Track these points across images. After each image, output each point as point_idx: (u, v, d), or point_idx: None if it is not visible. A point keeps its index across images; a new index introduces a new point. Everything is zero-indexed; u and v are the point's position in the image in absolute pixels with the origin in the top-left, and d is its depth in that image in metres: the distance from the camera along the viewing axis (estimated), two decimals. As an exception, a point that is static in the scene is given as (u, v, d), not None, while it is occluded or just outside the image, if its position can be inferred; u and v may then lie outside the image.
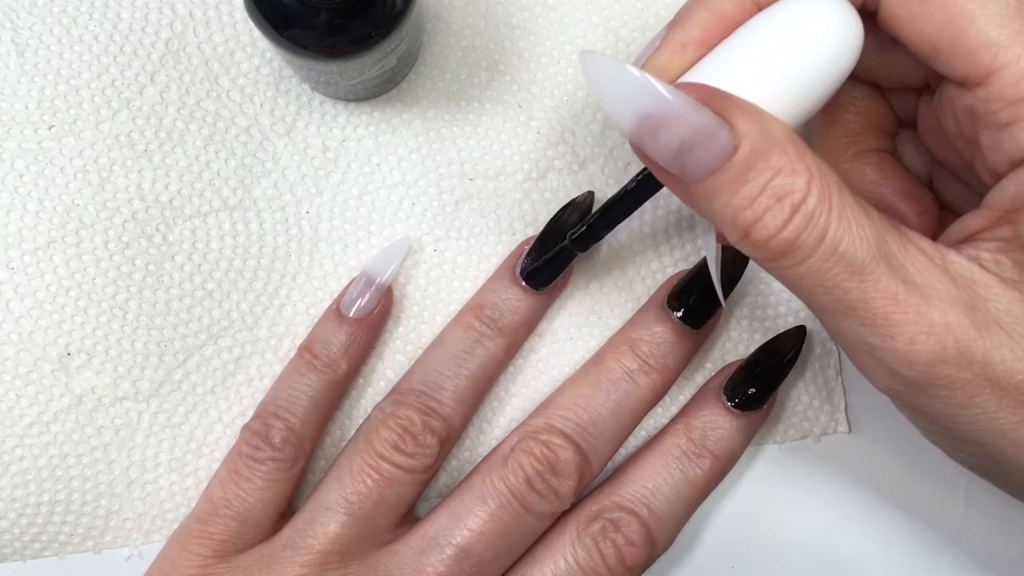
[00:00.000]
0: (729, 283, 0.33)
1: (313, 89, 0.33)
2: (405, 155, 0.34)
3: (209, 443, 0.33)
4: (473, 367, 0.31)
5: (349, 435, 0.33)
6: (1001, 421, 0.24)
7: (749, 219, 0.23)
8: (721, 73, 0.25)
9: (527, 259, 0.32)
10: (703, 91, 0.24)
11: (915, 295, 0.23)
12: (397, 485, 0.30)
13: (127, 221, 0.33)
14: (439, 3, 0.34)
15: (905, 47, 0.26)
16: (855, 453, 0.35)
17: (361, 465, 0.30)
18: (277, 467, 0.30)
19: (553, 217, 0.33)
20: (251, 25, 0.33)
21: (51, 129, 0.33)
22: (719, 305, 0.32)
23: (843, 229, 0.23)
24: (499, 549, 0.30)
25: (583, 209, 0.33)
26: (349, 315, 0.32)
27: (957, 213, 0.29)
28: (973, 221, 0.26)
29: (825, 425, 0.35)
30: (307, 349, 0.32)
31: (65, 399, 0.32)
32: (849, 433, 0.35)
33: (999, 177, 0.25)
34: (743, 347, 0.35)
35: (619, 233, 0.34)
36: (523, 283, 0.32)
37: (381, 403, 0.31)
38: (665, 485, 0.31)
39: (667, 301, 0.32)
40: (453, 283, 0.34)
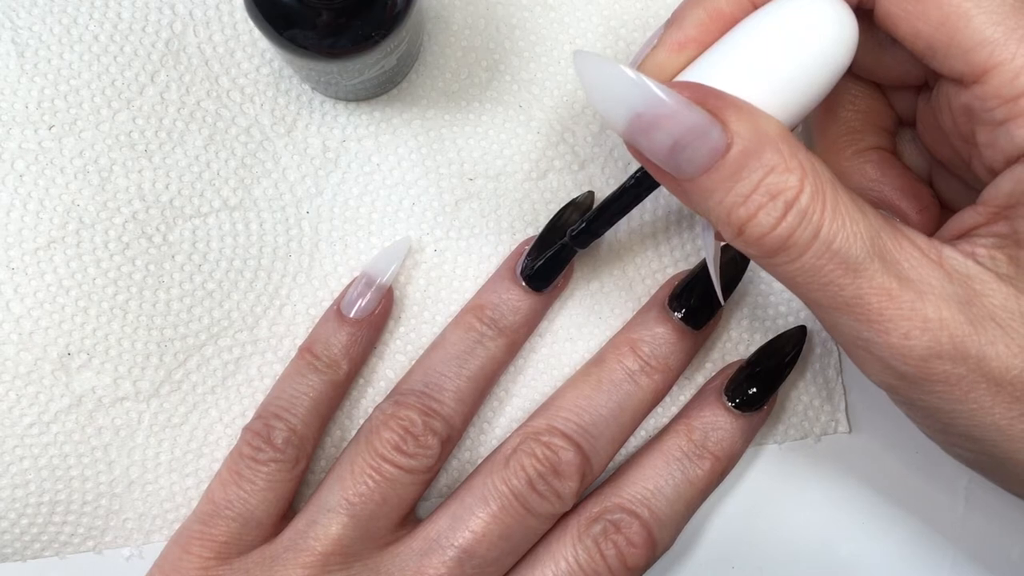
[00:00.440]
0: (730, 283, 0.33)
1: (313, 89, 0.33)
2: (405, 155, 0.34)
3: (209, 443, 0.33)
4: (474, 368, 0.31)
5: (350, 435, 0.33)
6: (996, 416, 0.24)
7: (743, 217, 0.23)
8: (716, 71, 0.25)
9: (527, 259, 0.32)
10: (696, 89, 0.24)
11: (909, 291, 0.23)
12: (398, 486, 0.30)
13: (127, 221, 0.33)
14: (439, 3, 0.34)
15: (902, 45, 0.26)
16: (855, 453, 0.35)
17: (362, 466, 0.30)
18: (279, 468, 0.30)
19: (553, 217, 0.33)
20: (251, 25, 0.33)
21: (51, 129, 0.33)
22: (720, 305, 0.32)
23: (837, 226, 0.23)
24: (500, 550, 0.30)
25: (583, 209, 0.33)
26: (350, 316, 0.32)
27: (956, 211, 0.30)
28: (969, 217, 0.26)
29: (825, 425, 0.35)
30: (308, 350, 0.32)
31: (65, 399, 0.32)
32: (849, 433, 0.35)
33: (995, 174, 0.25)
34: (743, 347, 0.35)
35: (619, 233, 0.34)
36: (523, 283, 0.32)
37: (382, 404, 0.31)
38: (666, 486, 0.31)
39: (668, 301, 0.32)
40: (453, 283, 0.34)
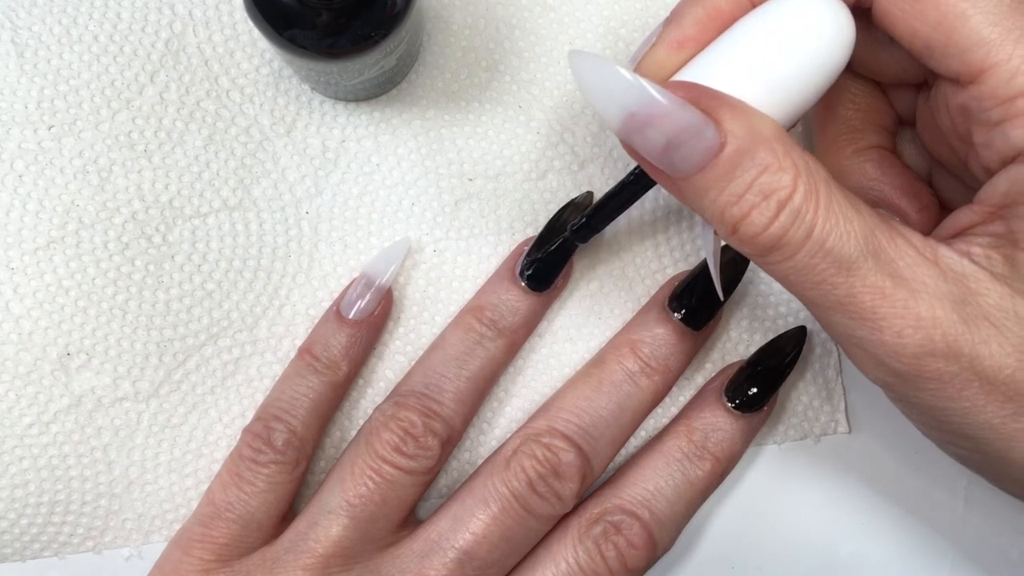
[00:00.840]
0: (730, 283, 0.33)
1: (313, 89, 0.33)
2: (405, 155, 0.34)
3: (209, 443, 0.33)
4: (474, 368, 0.31)
5: (350, 436, 0.33)
6: (989, 415, 0.24)
7: (736, 216, 0.23)
8: (714, 70, 0.25)
9: (527, 258, 0.32)
10: (691, 89, 0.24)
11: (903, 289, 0.23)
12: (398, 487, 0.30)
13: (127, 221, 0.33)
14: (439, 3, 0.34)
15: (899, 44, 0.26)
16: (855, 453, 0.35)
17: (362, 467, 0.30)
18: (279, 470, 0.30)
19: (552, 218, 0.33)
20: (251, 25, 0.33)
21: (51, 129, 0.33)
22: (720, 306, 0.32)
23: (830, 225, 0.23)
24: (501, 552, 0.30)
25: (582, 209, 0.33)
26: (349, 317, 0.32)
27: (955, 210, 0.30)
28: (965, 216, 0.26)
29: (825, 425, 0.35)
30: (307, 351, 0.32)
31: (65, 399, 0.32)
32: (849, 433, 0.35)
33: (991, 174, 0.25)
34: (743, 347, 0.35)
35: (619, 234, 0.34)
36: (523, 284, 0.32)
37: (382, 405, 0.31)
38: (666, 487, 0.31)
39: (668, 302, 0.32)
40: (453, 284, 0.34)
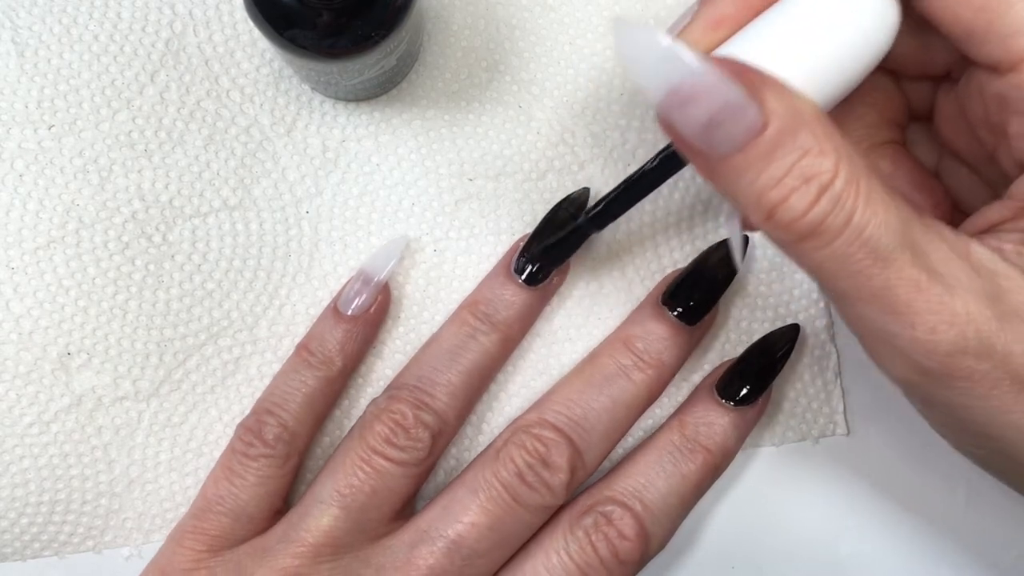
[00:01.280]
0: (722, 284, 0.33)
1: (313, 89, 0.33)
2: (405, 155, 0.34)
3: (209, 443, 0.33)
4: (466, 362, 0.31)
5: (348, 435, 0.33)
6: (1016, 415, 0.24)
7: (775, 200, 0.22)
8: (752, 50, 0.24)
9: (521, 257, 0.32)
10: (734, 66, 0.23)
11: (938, 284, 0.23)
12: (389, 478, 0.30)
13: (127, 221, 0.33)
14: (439, 3, 0.34)
15: (937, 30, 0.25)
16: (854, 455, 0.35)
17: (354, 459, 0.30)
18: (269, 463, 0.30)
19: (548, 213, 0.33)
20: (251, 25, 0.33)
21: (51, 129, 0.33)
22: (715, 302, 0.32)
23: (869, 213, 0.22)
24: (490, 542, 0.30)
25: (578, 204, 0.33)
26: (346, 313, 0.32)
27: (963, 207, 0.29)
28: (996, 211, 0.25)
29: (824, 427, 0.35)
30: (304, 347, 0.32)
31: (65, 399, 0.32)
32: (848, 435, 0.35)
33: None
34: (742, 349, 0.34)
35: (619, 234, 0.34)
36: (518, 279, 0.32)
37: (376, 398, 0.32)
38: (658, 479, 0.31)
39: (662, 298, 0.32)
40: (453, 283, 0.34)
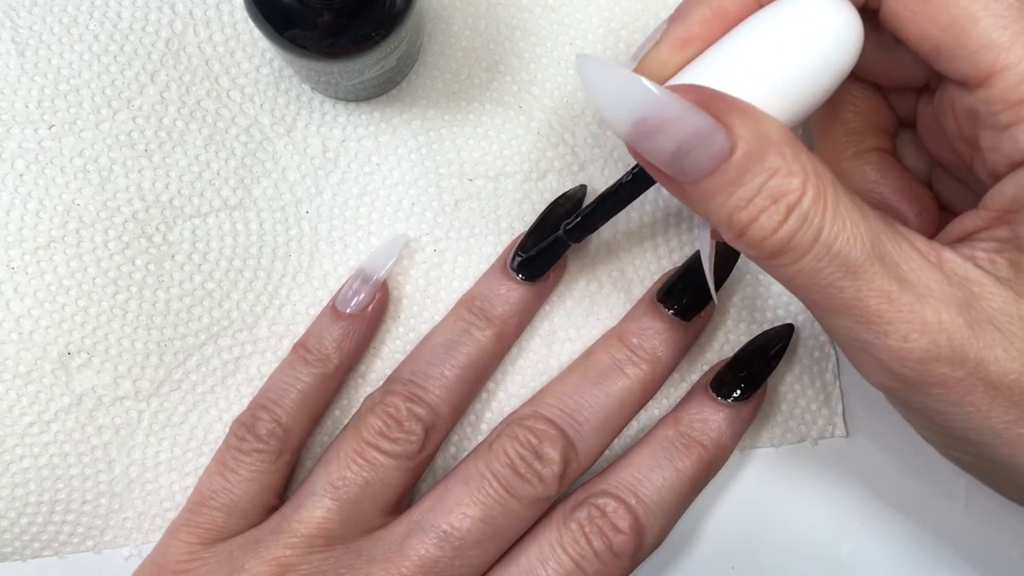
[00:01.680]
0: (719, 279, 0.33)
1: (313, 89, 0.33)
2: (405, 155, 0.34)
3: (209, 442, 0.33)
4: (461, 356, 0.32)
5: (348, 435, 0.33)
6: (993, 420, 0.24)
7: (745, 220, 0.23)
8: (719, 70, 0.25)
9: (519, 251, 0.32)
10: (699, 93, 0.24)
11: (908, 293, 0.23)
12: (382, 470, 0.30)
13: (127, 221, 0.33)
14: (439, 3, 0.34)
15: (907, 46, 0.26)
16: (854, 456, 0.35)
17: (348, 451, 0.30)
18: (262, 458, 0.31)
19: (545, 210, 0.33)
20: (251, 25, 0.33)
21: (51, 129, 0.33)
22: (709, 299, 0.32)
23: (837, 228, 0.23)
24: (482, 533, 0.29)
25: (575, 202, 0.33)
26: (345, 311, 0.32)
27: (955, 213, 0.29)
28: (970, 221, 0.26)
29: (823, 428, 0.35)
30: (301, 344, 0.32)
31: (65, 398, 0.32)
32: (847, 437, 0.35)
33: (998, 178, 0.25)
34: (741, 350, 0.35)
35: (618, 235, 0.34)
36: (514, 276, 0.32)
37: (372, 393, 0.32)
38: (652, 473, 0.31)
39: (657, 295, 0.32)
40: (452, 283, 0.34)
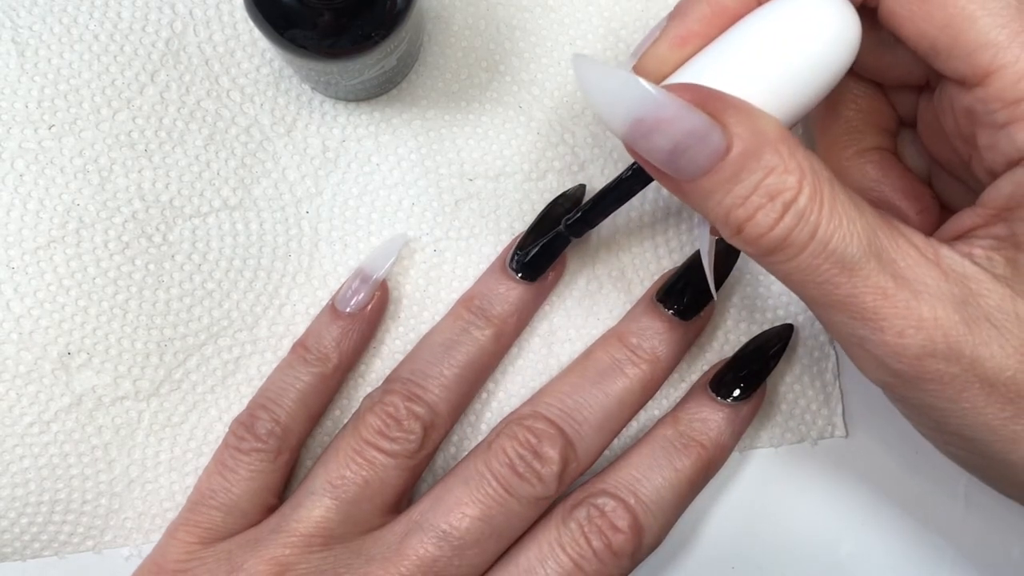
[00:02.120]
0: (720, 277, 0.33)
1: (313, 89, 0.33)
2: (405, 155, 0.34)
3: (209, 442, 0.33)
4: (460, 356, 0.32)
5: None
6: (989, 417, 0.24)
7: (741, 217, 0.23)
8: (717, 68, 0.25)
9: (518, 249, 0.32)
10: (696, 91, 0.24)
11: (905, 290, 0.24)
12: (381, 469, 0.30)
13: (127, 221, 0.33)
14: (439, 3, 0.34)
15: (905, 45, 0.26)
16: (854, 456, 0.35)
17: (347, 450, 0.30)
18: (260, 458, 0.31)
19: (544, 209, 0.33)
20: (251, 25, 0.33)
21: (51, 129, 0.33)
22: (709, 298, 0.32)
23: (833, 225, 0.23)
24: (481, 532, 0.29)
25: (574, 201, 0.33)
26: (344, 311, 0.32)
27: (955, 212, 0.30)
28: (968, 218, 0.26)
29: (822, 429, 0.35)
30: (300, 344, 0.32)
31: (65, 398, 0.32)
32: (846, 437, 0.35)
33: (995, 176, 0.25)
34: (741, 350, 0.35)
35: (618, 235, 0.34)
36: (513, 275, 0.32)
37: (371, 392, 0.32)
38: (651, 472, 0.31)
39: (657, 295, 0.32)
40: (453, 283, 0.34)
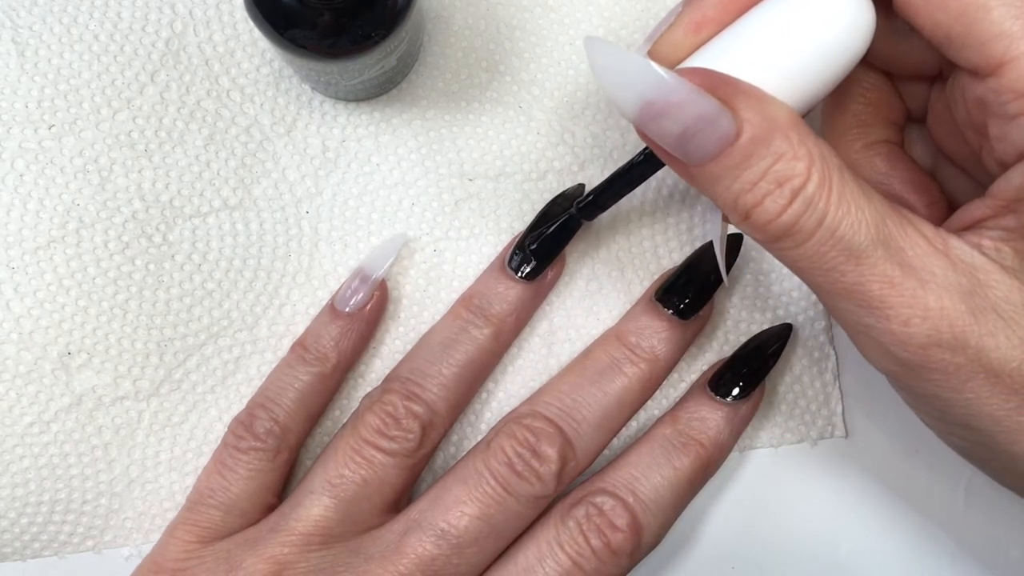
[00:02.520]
0: (716, 280, 0.32)
1: (313, 89, 0.33)
2: (405, 155, 0.34)
3: (209, 442, 0.33)
4: (459, 355, 0.32)
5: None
6: (993, 407, 0.24)
7: (750, 203, 0.23)
8: (731, 54, 0.25)
9: (516, 252, 0.32)
10: (707, 76, 0.24)
11: (911, 279, 0.24)
12: (380, 468, 0.30)
13: (127, 221, 0.33)
14: (439, 4, 0.34)
15: (919, 34, 0.26)
16: (854, 456, 0.35)
17: (345, 450, 0.30)
18: (259, 457, 0.31)
19: (543, 208, 0.33)
20: (251, 25, 0.33)
21: (51, 129, 0.33)
22: (708, 298, 0.32)
23: (842, 213, 0.23)
24: (479, 531, 0.29)
25: (573, 200, 0.33)
26: (343, 310, 0.32)
27: (958, 207, 0.30)
28: (977, 209, 0.26)
29: (822, 429, 0.35)
30: (299, 343, 0.32)
31: (65, 398, 0.32)
32: (846, 437, 0.35)
33: (1006, 167, 0.25)
34: (741, 350, 0.35)
35: (618, 234, 0.34)
36: (513, 274, 0.32)
37: (370, 392, 0.32)
38: (650, 471, 0.31)
39: (655, 294, 0.32)
40: (452, 283, 0.34)
